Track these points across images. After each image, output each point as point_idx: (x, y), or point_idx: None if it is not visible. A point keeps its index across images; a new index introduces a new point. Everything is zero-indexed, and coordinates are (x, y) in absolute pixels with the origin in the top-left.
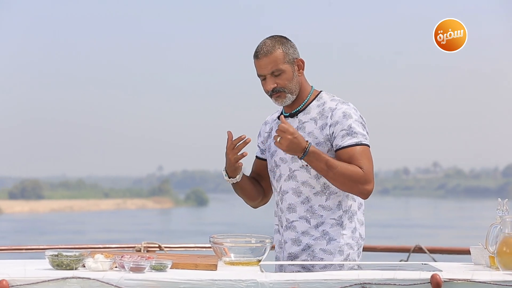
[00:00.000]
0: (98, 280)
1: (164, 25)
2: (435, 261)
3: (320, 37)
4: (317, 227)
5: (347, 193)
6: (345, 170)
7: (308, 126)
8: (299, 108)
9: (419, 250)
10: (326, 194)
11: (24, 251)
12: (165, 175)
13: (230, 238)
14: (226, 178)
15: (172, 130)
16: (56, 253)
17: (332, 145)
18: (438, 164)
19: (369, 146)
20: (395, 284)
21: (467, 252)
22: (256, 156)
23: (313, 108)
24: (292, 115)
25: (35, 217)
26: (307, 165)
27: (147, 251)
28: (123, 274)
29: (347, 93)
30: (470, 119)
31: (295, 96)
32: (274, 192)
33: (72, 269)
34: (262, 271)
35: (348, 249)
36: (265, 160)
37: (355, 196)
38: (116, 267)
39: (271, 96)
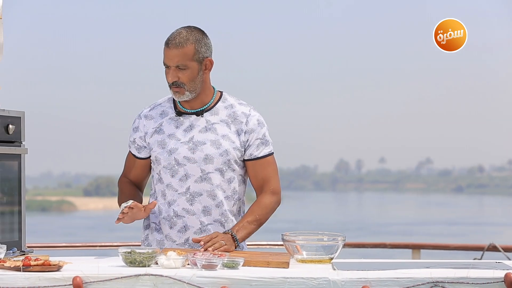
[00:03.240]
0: (170, 277)
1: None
2: (510, 259)
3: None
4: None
5: (243, 198)
6: (264, 213)
7: (220, 129)
8: (205, 107)
9: (493, 248)
10: (234, 199)
11: (97, 248)
12: None
13: (302, 236)
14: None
15: None
16: (129, 250)
17: (244, 152)
18: None
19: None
20: (468, 283)
21: None
22: (134, 155)
23: (221, 110)
24: (198, 114)
25: (109, 214)
26: (221, 168)
27: None
28: (195, 271)
29: (413, 81)
30: None
31: (194, 95)
32: (170, 191)
33: (144, 266)
34: (334, 269)
35: None
36: (143, 158)
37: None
38: (188, 264)
39: (170, 87)
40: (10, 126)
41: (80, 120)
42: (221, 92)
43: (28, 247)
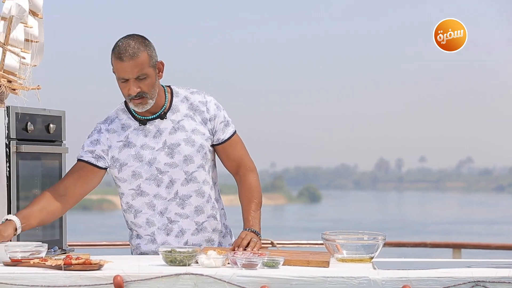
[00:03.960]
0: (210, 277)
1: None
2: None
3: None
4: (221, 222)
5: (218, 181)
6: (259, 192)
7: (188, 124)
8: (163, 108)
9: None
10: (216, 186)
11: None
12: (278, 171)
13: (343, 235)
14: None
15: (284, 128)
16: (169, 249)
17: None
18: None
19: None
20: (509, 283)
21: None
22: (85, 161)
23: (179, 105)
24: (162, 117)
25: None
26: (202, 164)
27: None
28: (235, 270)
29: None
30: None
31: (154, 101)
32: (159, 201)
33: (185, 265)
34: (375, 268)
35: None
36: (101, 168)
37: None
38: (228, 263)
39: (130, 100)
40: (51, 125)
41: None
42: (170, 87)
43: (69, 245)
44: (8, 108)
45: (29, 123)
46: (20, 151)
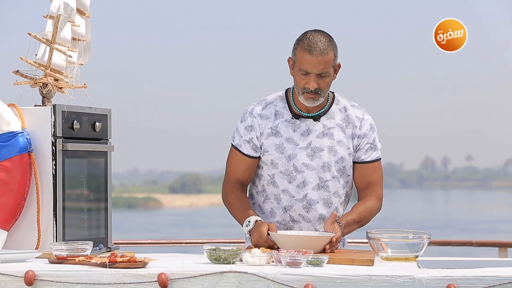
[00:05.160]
0: (255, 275)
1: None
2: None
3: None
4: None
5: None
6: (368, 216)
7: (336, 134)
8: (321, 111)
9: None
10: (346, 202)
11: (183, 245)
12: None
13: (387, 234)
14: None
15: None
16: (214, 247)
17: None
18: None
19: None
20: None
21: None
22: (247, 155)
23: (336, 113)
24: (315, 118)
25: (194, 211)
26: (337, 176)
27: None
28: (279, 268)
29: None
30: None
31: (323, 100)
32: (286, 197)
33: (229, 263)
34: (419, 267)
35: None
36: (257, 158)
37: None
38: (273, 261)
39: (303, 93)
40: (97, 123)
41: (165, 118)
42: (333, 93)
43: (114, 243)
44: (54, 106)
45: (75, 122)
46: (66, 149)
